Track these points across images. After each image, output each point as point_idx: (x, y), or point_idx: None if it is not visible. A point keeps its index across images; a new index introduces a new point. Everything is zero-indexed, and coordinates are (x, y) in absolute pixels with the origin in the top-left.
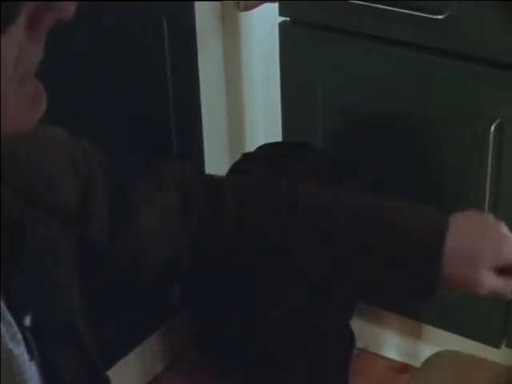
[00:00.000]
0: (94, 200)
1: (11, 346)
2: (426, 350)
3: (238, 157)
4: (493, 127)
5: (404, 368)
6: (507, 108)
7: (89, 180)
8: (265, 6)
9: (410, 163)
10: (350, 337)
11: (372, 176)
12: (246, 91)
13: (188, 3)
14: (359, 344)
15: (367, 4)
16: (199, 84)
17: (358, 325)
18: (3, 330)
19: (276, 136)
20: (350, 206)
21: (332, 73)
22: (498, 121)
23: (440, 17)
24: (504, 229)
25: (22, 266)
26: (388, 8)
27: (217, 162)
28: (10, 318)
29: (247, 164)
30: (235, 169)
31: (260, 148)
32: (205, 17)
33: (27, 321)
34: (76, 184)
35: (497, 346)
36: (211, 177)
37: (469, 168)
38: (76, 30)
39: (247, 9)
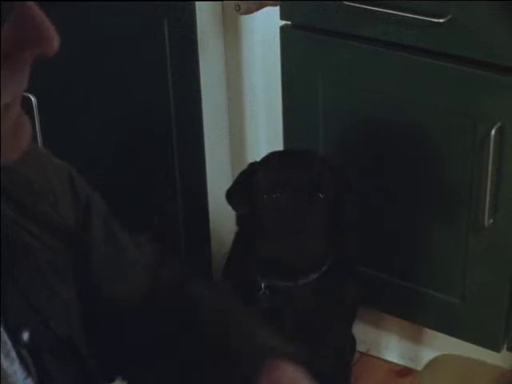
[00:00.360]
0: (93, 221)
1: (5, 364)
2: (428, 354)
3: (239, 161)
4: (493, 130)
5: (405, 371)
6: (508, 111)
7: (88, 204)
8: (266, 9)
9: (410, 166)
10: (351, 341)
11: (372, 184)
12: (247, 94)
13: (189, 7)
14: (361, 347)
15: (368, 8)
16: (200, 88)
17: (359, 328)
18: None
19: (277, 139)
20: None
21: (333, 76)
22: (498, 124)
23: (441, 20)
24: None
25: (20, 283)
26: (389, 11)
27: (218, 164)
28: (5, 336)
29: (253, 173)
30: (241, 179)
31: (266, 157)
32: (206, 21)
33: (25, 336)
34: (75, 205)
35: (497, 349)
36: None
37: (469, 171)
38: (76, 33)
39: (248, 12)
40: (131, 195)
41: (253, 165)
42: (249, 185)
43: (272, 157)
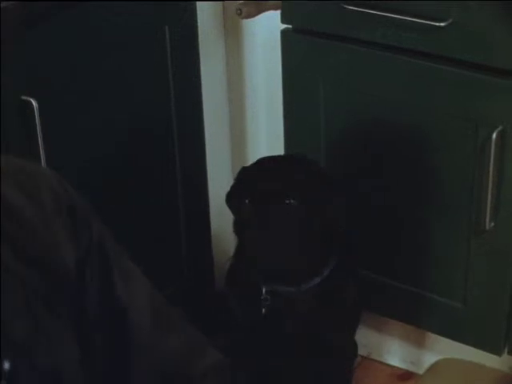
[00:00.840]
0: (90, 268)
1: None
2: (429, 358)
3: (240, 163)
4: (494, 134)
5: (407, 375)
6: (509, 115)
7: (88, 251)
8: (267, 13)
9: (411, 169)
10: (353, 346)
11: (373, 186)
12: (248, 97)
13: (190, 9)
14: (362, 351)
15: (369, 11)
16: (201, 92)
17: (361, 332)
18: None
19: (278, 141)
20: None
21: (333, 79)
22: (499, 128)
23: (442, 24)
24: None
25: (4, 315)
26: (390, 15)
27: (219, 166)
28: None
29: (245, 178)
30: (236, 182)
31: (258, 161)
32: (207, 25)
33: (6, 365)
34: (75, 253)
35: (498, 353)
36: None
37: (471, 175)
38: (76, 35)
39: (249, 17)
40: (131, 196)
41: (243, 169)
42: (240, 189)
43: (259, 162)
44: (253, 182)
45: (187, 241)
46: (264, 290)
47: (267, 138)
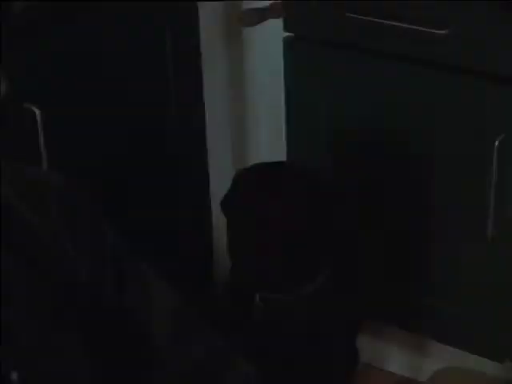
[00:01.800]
0: (102, 274)
1: None
2: (430, 364)
3: None
4: (497, 142)
5: (408, 382)
6: (511, 123)
7: (99, 256)
8: (269, 21)
9: (413, 177)
10: (354, 353)
11: (374, 193)
12: (250, 106)
13: (191, 12)
14: (363, 359)
15: (370, 19)
16: (203, 100)
17: (362, 339)
18: None
19: (279, 149)
20: None
21: (336, 87)
22: (502, 136)
23: (442, 32)
24: None
25: (10, 325)
26: (390, 23)
27: (221, 176)
28: None
29: (239, 181)
30: (233, 185)
31: (251, 167)
32: (210, 32)
33: (14, 375)
34: (86, 258)
35: (500, 360)
36: None
37: (473, 183)
38: (76, 39)
39: (251, 25)
40: (131, 199)
41: (240, 171)
42: (236, 195)
43: (252, 166)
44: (249, 186)
45: (187, 244)
46: (258, 297)
47: (269, 145)
